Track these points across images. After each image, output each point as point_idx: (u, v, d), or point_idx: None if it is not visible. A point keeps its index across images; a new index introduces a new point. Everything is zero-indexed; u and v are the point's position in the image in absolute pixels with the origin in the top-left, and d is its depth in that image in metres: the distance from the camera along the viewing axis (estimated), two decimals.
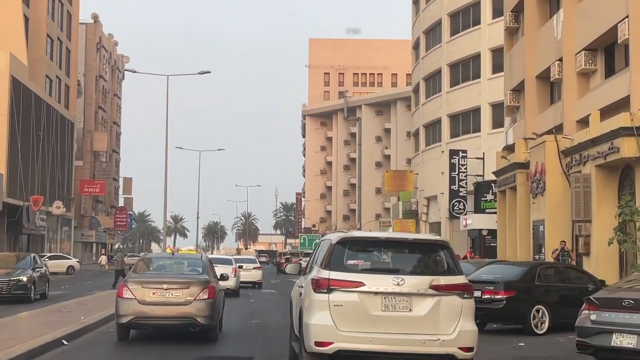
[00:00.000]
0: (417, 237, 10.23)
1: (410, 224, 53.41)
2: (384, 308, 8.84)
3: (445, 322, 8.87)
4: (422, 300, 8.86)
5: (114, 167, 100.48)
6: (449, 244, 9.86)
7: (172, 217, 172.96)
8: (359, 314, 8.82)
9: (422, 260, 9.47)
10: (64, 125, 72.07)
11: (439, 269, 9.27)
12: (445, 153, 48.55)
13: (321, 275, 9.05)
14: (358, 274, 8.99)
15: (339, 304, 8.85)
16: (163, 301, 13.12)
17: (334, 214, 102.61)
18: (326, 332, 8.83)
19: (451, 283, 9.02)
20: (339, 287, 8.89)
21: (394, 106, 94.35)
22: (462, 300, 9.01)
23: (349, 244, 9.34)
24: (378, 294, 8.83)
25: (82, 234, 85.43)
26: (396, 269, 9.26)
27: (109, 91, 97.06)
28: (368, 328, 8.80)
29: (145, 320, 13.28)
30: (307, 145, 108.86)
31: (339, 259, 9.14)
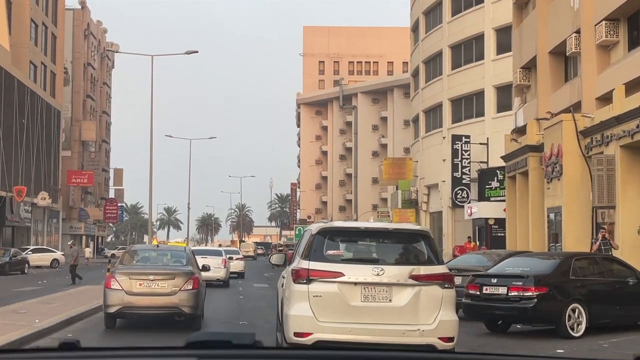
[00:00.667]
0: (397, 227, 10.15)
1: (410, 213, 51.12)
2: (364, 298, 8.74)
3: (426, 312, 8.75)
4: (402, 290, 8.75)
5: (103, 158, 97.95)
6: (430, 233, 9.72)
7: (165, 209, 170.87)
8: (339, 304, 8.72)
9: (402, 250, 9.38)
10: (49, 113, 69.55)
11: (419, 258, 9.15)
12: (446, 139, 46.26)
13: (301, 265, 8.95)
14: (338, 264, 8.90)
15: (319, 295, 8.74)
16: (149, 292, 13.59)
17: (330, 205, 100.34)
18: (305, 322, 8.74)
19: (431, 273, 8.88)
20: (318, 278, 8.78)
21: (390, 94, 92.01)
22: (442, 290, 8.84)
23: (329, 234, 9.24)
24: (358, 285, 8.73)
25: (71, 226, 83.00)
26: (376, 259, 9.18)
27: (98, 79, 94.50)
28: (347, 319, 8.71)
29: (132, 310, 13.74)
30: (302, 135, 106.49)
31: (319, 250, 9.03)
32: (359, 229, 9.94)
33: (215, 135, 65.91)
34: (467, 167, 42.27)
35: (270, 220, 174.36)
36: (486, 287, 13.05)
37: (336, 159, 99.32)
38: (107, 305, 13.69)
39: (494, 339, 13.22)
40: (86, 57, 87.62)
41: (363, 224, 10.74)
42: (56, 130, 72.51)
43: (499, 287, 12.86)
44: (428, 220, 50.62)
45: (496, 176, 39.78)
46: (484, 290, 13.06)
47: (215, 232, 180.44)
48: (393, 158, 53.38)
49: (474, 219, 38.35)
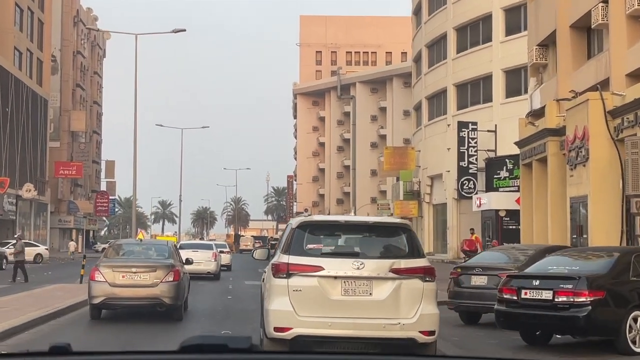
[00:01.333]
0: (377, 220, 9.96)
1: (412, 205, 48.61)
2: (344, 292, 8.67)
3: (406, 306, 8.65)
4: (383, 284, 8.68)
5: (94, 149, 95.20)
6: (410, 226, 9.58)
7: (160, 202, 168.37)
8: (319, 298, 8.64)
9: (382, 244, 9.32)
10: (36, 102, 66.82)
11: (400, 252, 9.05)
12: (451, 126, 43.73)
13: (281, 260, 8.89)
14: (318, 258, 8.83)
15: (298, 289, 8.66)
16: (132, 283, 14.18)
17: (327, 198, 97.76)
18: (285, 317, 8.64)
19: (412, 266, 8.79)
20: (298, 272, 8.71)
21: (389, 83, 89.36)
22: (423, 283, 8.77)
23: (310, 228, 9.18)
24: (338, 278, 8.67)
25: (60, 220, 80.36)
26: (356, 253, 9.16)
27: (89, 68, 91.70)
28: (327, 313, 8.61)
29: (116, 301, 14.35)
30: (299, 126, 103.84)
31: (299, 244, 8.98)
32: (339, 222, 9.84)
33: (208, 125, 62.78)
34: (474, 156, 39.76)
35: (266, 214, 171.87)
36: (526, 291, 10.49)
37: (334, 151, 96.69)
38: (92, 296, 14.31)
39: (534, 353, 10.70)
40: (75, 45, 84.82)
41: (343, 218, 10.65)
42: (43, 120, 69.81)
43: (543, 291, 10.30)
44: (431, 212, 48.09)
45: (505, 165, 37.34)
46: (522, 295, 10.51)
47: (210, 225, 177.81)
48: (394, 147, 50.80)
49: (483, 211, 35.81)
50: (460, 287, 13.74)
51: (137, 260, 15.12)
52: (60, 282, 25.77)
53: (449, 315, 14.95)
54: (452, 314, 14.72)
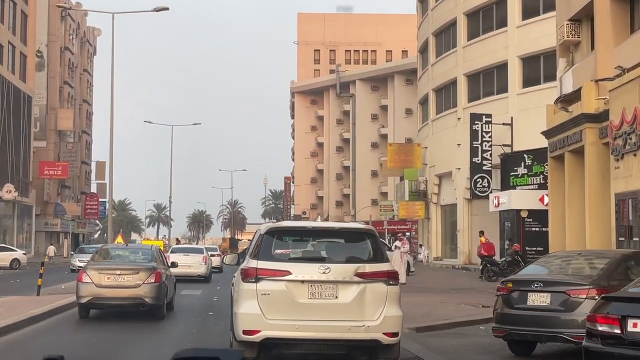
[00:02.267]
0: (343, 226, 10.61)
1: (419, 207, 45.03)
2: (311, 296, 8.89)
3: (371, 309, 8.89)
4: (348, 288, 8.93)
5: (84, 150, 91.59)
6: (375, 232, 9.76)
7: (155, 205, 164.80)
8: (286, 302, 8.86)
9: (348, 249, 9.59)
10: (18, 98, 63.21)
11: (365, 256, 9.28)
12: (462, 120, 40.20)
13: (249, 264, 9.16)
14: (285, 263, 9.08)
15: (267, 293, 8.89)
16: (116, 284, 15.32)
17: (326, 200, 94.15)
18: (254, 320, 8.86)
19: (376, 270, 9.03)
20: (266, 277, 8.93)
21: (391, 81, 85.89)
22: (387, 287, 9.02)
23: (277, 233, 9.45)
24: (305, 282, 8.89)
25: (46, 223, 76.67)
26: (323, 258, 9.37)
27: (78, 66, 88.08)
28: (295, 316, 8.82)
29: (102, 301, 15.45)
30: (297, 126, 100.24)
31: (267, 249, 9.22)
32: (306, 228, 10.48)
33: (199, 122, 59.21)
34: (489, 152, 36.23)
35: (264, 217, 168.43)
36: (636, 322, 6.90)
37: (333, 151, 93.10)
38: (79, 296, 15.37)
39: None
40: (63, 40, 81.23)
41: (310, 224, 11.77)
42: (27, 118, 66.17)
43: None
44: (439, 213, 44.51)
45: (523, 161, 33.85)
46: (630, 327, 6.92)
47: (207, 229, 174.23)
48: (399, 144, 47.27)
49: (502, 211, 32.23)
50: (512, 307, 10.16)
51: (122, 263, 16.40)
52: (20, 293, 22.27)
53: (492, 341, 11.42)
54: (496, 341, 11.17)
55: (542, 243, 29.02)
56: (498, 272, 27.97)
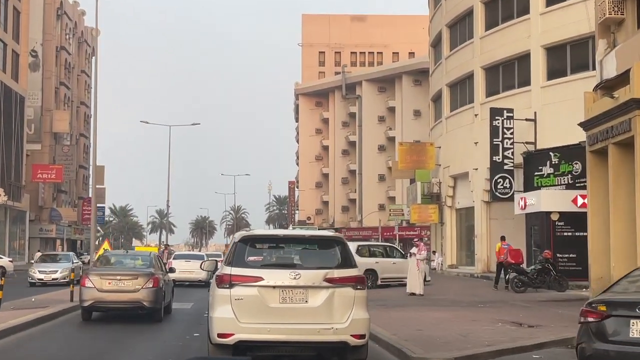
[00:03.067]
0: (313, 234, 11.52)
1: (432, 210, 41.99)
2: (282, 300, 9.23)
3: (339, 312, 9.26)
4: (317, 292, 9.26)
5: (81, 154, 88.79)
6: (343, 239, 10.12)
7: (157, 211, 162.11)
8: (259, 306, 9.19)
9: (317, 255, 9.97)
10: (9, 98, 60.40)
11: (334, 262, 9.57)
12: (479, 117, 37.21)
13: (224, 271, 9.50)
14: (258, 270, 9.39)
15: (240, 298, 9.22)
16: (117, 289, 16.41)
17: (332, 205, 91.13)
18: (228, 324, 9.18)
19: (344, 276, 9.38)
20: (240, 282, 9.27)
21: (399, 82, 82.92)
22: (355, 291, 9.39)
23: (250, 241, 9.83)
24: (276, 288, 9.21)
25: (41, 229, 73.81)
26: (293, 264, 9.73)
27: (75, 67, 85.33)
28: (267, 319, 9.15)
29: (103, 304, 16.56)
30: (301, 129, 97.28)
31: (241, 256, 9.56)
32: (277, 236, 11.14)
33: (199, 122, 56.40)
34: (510, 150, 33.23)
35: (268, 223, 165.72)
36: None
37: (338, 154, 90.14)
38: (82, 300, 16.61)
39: None
40: (59, 39, 78.51)
41: (282, 232, 12.79)
42: (19, 119, 63.34)
43: None
44: (454, 218, 41.46)
45: (549, 159, 30.86)
46: None
47: (210, 235, 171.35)
48: (410, 143, 44.22)
49: (528, 214, 29.17)
50: (606, 340, 7.14)
51: (122, 269, 17.34)
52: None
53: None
54: None
55: (575, 249, 26.01)
56: (527, 282, 24.96)
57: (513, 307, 19.48)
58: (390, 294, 24.97)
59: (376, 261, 28.62)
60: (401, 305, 20.08)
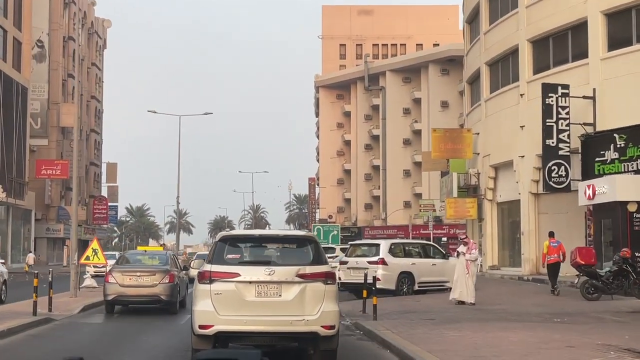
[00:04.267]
0: (286, 234, 12.77)
1: (470, 205, 37.41)
2: (257, 294, 10.04)
3: (310, 305, 9.98)
4: (290, 287, 10.04)
5: (92, 150, 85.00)
6: (316, 238, 11.13)
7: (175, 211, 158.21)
8: (236, 300, 9.98)
9: (290, 253, 10.83)
10: (10, 89, 56.52)
11: (306, 260, 10.32)
12: (526, 97, 32.61)
13: (204, 268, 10.31)
14: (235, 266, 10.24)
15: (219, 292, 10.01)
16: (137, 284, 18.63)
17: (354, 203, 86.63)
18: (208, 316, 9.96)
19: (315, 271, 10.15)
20: (219, 278, 10.08)
21: (424, 71, 78.34)
22: (325, 285, 10.13)
23: (229, 240, 10.74)
24: (252, 283, 10.04)
25: (48, 228, 70.02)
26: (268, 261, 10.51)
27: (84, 59, 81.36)
28: (244, 312, 9.95)
29: (124, 298, 18.86)
30: (321, 123, 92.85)
31: (220, 254, 10.38)
32: (254, 236, 12.12)
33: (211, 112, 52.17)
34: (566, 132, 28.57)
35: (288, 223, 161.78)
36: None
37: (361, 149, 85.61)
38: (106, 294, 18.83)
39: None
40: (66, 29, 74.71)
41: (258, 232, 15.02)
42: (21, 111, 59.46)
43: None
44: (495, 213, 36.86)
45: (613, 143, 26.29)
46: None
47: None
48: (445, 130, 39.57)
49: (597, 205, 24.50)
50: None
51: (141, 266, 19.68)
52: None
53: None
54: None
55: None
56: (601, 287, 20.39)
57: (603, 323, 14.94)
58: (432, 302, 20.54)
59: (413, 262, 24.19)
60: (454, 320, 15.62)
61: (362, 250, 24.93)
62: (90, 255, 25.19)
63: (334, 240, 53.07)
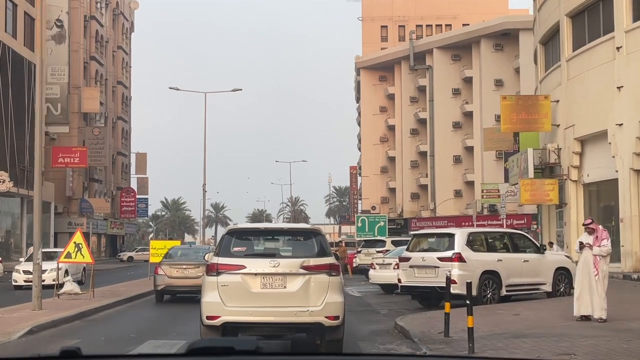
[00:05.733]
0: (291, 227, 13.15)
1: (550, 186, 30.92)
2: (263, 286, 10.27)
3: (315, 296, 10.21)
4: (295, 279, 10.27)
5: (120, 139, 79.83)
6: (320, 231, 11.11)
7: (213, 205, 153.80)
8: (242, 291, 10.23)
9: (295, 245, 11.04)
10: (21, 69, 51.32)
11: (310, 252, 10.55)
12: (623, 50, 26.02)
13: (212, 261, 10.65)
14: (241, 259, 10.50)
15: (226, 284, 10.29)
16: (183, 276, 20.54)
17: (399, 192, 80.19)
18: (215, 307, 10.28)
19: (320, 263, 10.36)
20: (225, 270, 10.35)
21: (476, 48, 71.58)
22: (329, 277, 10.29)
23: (236, 233, 11.01)
24: (257, 275, 10.27)
25: (70, 223, 64.86)
26: (273, 254, 10.78)
27: (109, 41, 76.22)
28: (249, 303, 10.21)
29: (172, 288, 20.81)
30: (363, 107, 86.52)
31: (227, 247, 10.69)
32: (259, 229, 12.10)
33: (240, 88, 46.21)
34: None
35: (328, 216, 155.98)
36: None
37: (406, 135, 79.08)
38: (156, 285, 20.89)
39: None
40: (88, 7, 69.46)
41: (263, 225, 15.78)
42: (30, 91, 54.24)
43: None
44: (581, 196, 30.30)
45: None
46: None
47: None
48: (517, 97, 33.10)
49: None
50: None
51: (187, 260, 21.59)
52: None
53: None
54: None
55: None
56: None
57: None
58: (537, 316, 14.40)
59: (499, 258, 17.90)
60: (607, 355, 9.37)
61: (428, 242, 18.71)
62: (72, 252, 19.47)
63: (381, 232, 47.02)
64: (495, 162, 68.26)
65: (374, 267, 24.23)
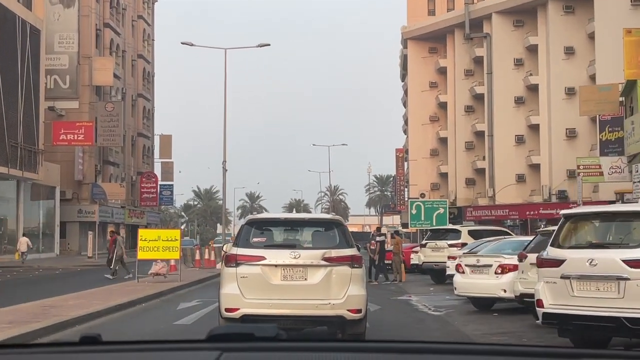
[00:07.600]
0: (312, 217, 13.84)
1: None
2: (283, 278, 10.22)
3: (336, 288, 10.13)
4: (316, 271, 10.20)
5: (140, 119, 72.09)
6: (342, 221, 11.12)
7: (248, 194, 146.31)
8: (262, 283, 10.19)
9: (316, 236, 10.99)
10: (14, 30, 43.55)
11: (332, 243, 10.53)
12: None
13: (231, 251, 10.60)
14: (261, 250, 10.46)
15: (245, 276, 10.24)
16: None
17: (452, 178, 71.29)
18: (234, 299, 10.22)
19: (341, 255, 10.30)
20: (245, 262, 10.30)
21: (542, 11, 62.26)
22: (351, 269, 10.25)
23: (255, 224, 11.05)
24: (278, 266, 10.23)
25: (80, 210, 57.25)
26: (294, 245, 10.84)
27: (127, 8, 68.42)
28: (269, 295, 10.14)
29: None
30: (410, 83, 77.62)
31: (246, 237, 10.69)
32: (279, 219, 12.17)
33: (268, 43, 38.16)
34: None
35: (368, 206, 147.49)
36: None
37: (460, 113, 70.00)
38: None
39: None
40: None
41: (284, 215, 15.13)
42: (34, 61, 46.56)
43: None
44: None
45: None
46: None
47: None
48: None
49: None
50: None
51: None
52: None
53: None
54: None
55: None
56: None
57: None
58: None
59: None
60: None
61: (602, 230, 10.06)
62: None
63: (441, 221, 38.81)
64: (565, 142, 59.18)
65: (461, 271, 15.75)
